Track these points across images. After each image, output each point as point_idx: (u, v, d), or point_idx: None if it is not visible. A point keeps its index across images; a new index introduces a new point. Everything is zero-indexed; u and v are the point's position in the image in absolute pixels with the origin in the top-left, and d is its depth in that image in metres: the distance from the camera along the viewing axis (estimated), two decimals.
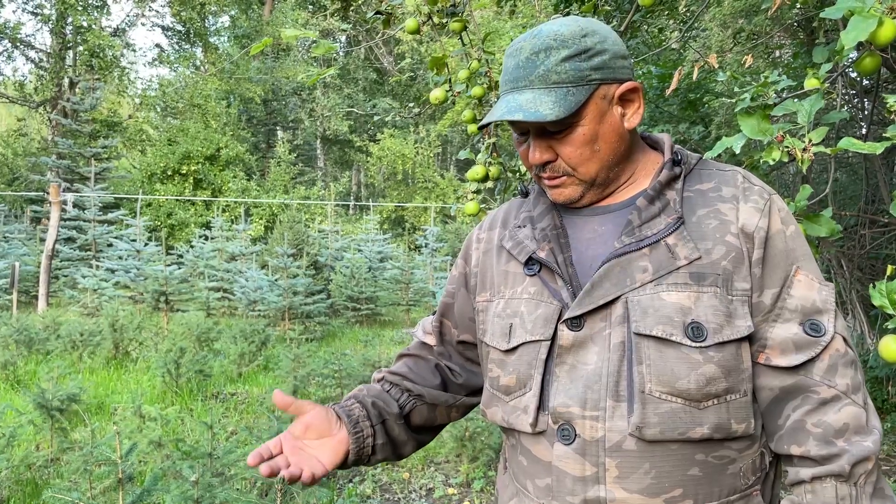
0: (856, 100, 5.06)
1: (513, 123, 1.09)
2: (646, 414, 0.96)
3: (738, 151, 1.46)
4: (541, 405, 1.04)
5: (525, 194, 1.24)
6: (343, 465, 1.15)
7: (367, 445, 1.17)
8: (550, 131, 1.05)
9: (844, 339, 1.01)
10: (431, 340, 1.31)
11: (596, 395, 0.99)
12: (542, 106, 1.01)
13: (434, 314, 1.34)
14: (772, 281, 1.02)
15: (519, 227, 1.16)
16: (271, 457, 1.06)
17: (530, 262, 1.11)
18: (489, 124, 1.09)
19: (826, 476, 0.97)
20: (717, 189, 1.07)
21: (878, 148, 1.29)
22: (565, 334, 1.02)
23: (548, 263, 1.07)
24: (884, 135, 1.31)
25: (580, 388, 1.00)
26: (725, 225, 1.03)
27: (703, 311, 0.98)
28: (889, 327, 1.32)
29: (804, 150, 1.39)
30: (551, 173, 1.08)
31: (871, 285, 1.30)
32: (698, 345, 0.97)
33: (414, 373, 1.28)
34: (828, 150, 1.37)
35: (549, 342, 1.04)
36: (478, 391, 1.30)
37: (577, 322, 1.02)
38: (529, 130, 1.08)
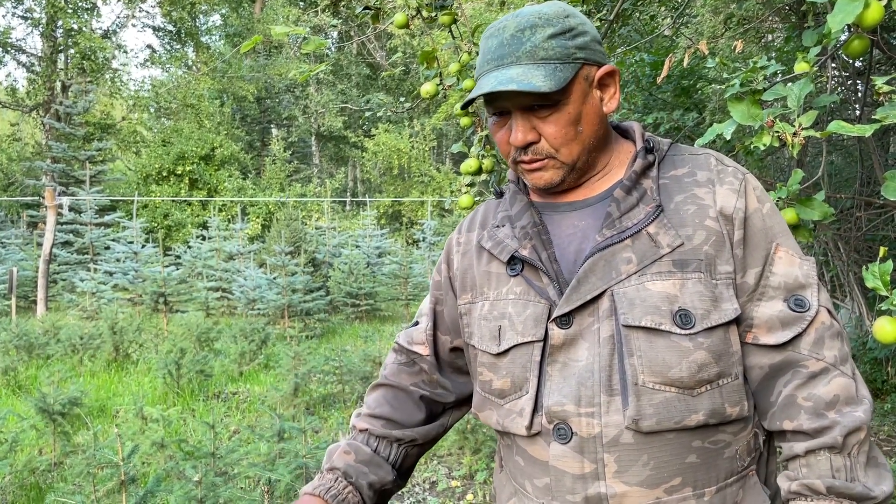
0: (849, 82, 5.05)
1: (490, 103, 1.06)
2: (641, 406, 0.96)
3: (728, 137, 1.46)
4: (535, 407, 1.03)
5: (500, 195, 1.22)
6: None
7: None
8: (534, 111, 1.03)
9: (829, 312, 1.02)
10: (424, 350, 1.25)
11: (589, 391, 0.98)
12: (534, 78, 0.99)
13: (416, 324, 1.29)
14: (753, 260, 1.02)
15: (497, 226, 1.14)
16: None
17: (513, 261, 1.09)
18: (473, 101, 1.07)
19: (820, 448, 0.97)
20: (692, 174, 1.07)
21: (867, 130, 1.29)
22: (556, 333, 1.02)
23: (531, 261, 1.06)
24: (873, 116, 1.31)
25: (573, 385, 0.99)
26: (704, 209, 1.02)
27: (689, 297, 0.98)
28: (883, 309, 1.33)
29: (794, 134, 1.39)
30: (532, 156, 1.06)
31: (864, 267, 1.30)
32: (687, 332, 0.96)
33: (398, 411, 1.23)
34: (818, 134, 1.37)
35: (541, 342, 1.03)
36: (467, 400, 1.28)
37: (566, 319, 1.01)
38: (510, 112, 1.06)
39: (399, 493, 3.93)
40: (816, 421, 0.97)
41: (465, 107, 1.11)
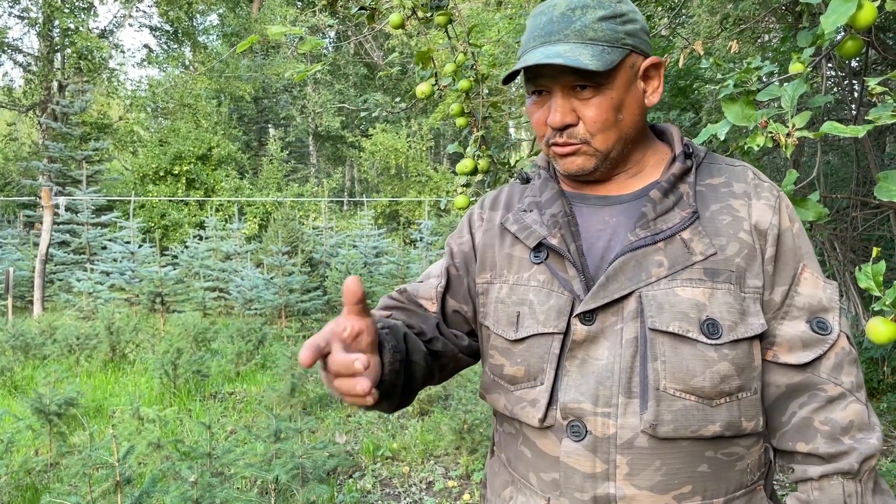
0: (845, 82, 5.05)
1: (532, 80, 1.04)
2: (660, 411, 0.95)
3: (722, 138, 1.47)
4: (550, 399, 1.02)
5: (526, 180, 1.20)
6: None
7: (394, 382, 0.99)
8: (576, 92, 1.01)
9: (848, 338, 1.02)
10: (431, 307, 1.19)
11: (608, 391, 0.97)
12: (581, 56, 0.97)
13: (425, 280, 1.22)
14: (782, 278, 1.02)
15: (525, 211, 1.12)
16: (323, 355, 0.83)
17: (538, 248, 1.07)
18: (516, 75, 1.03)
19: (835, 473, 0.97)
20: (728, 184, 1.06)
21: (860, 131, 1.29)
22: (579, 328, 1.00)
23: (560, 251, 1.04)
24: (866, 117, 1.31)
25: (592, 383, 0.98)
26: (738, 221, 1.02)
27: (717, 307, 0.97)
28: (876, 309, 1.33)
29: (788, 135, 1.39)
30: (567, 139, 1.04)
31: (858, 268, 1.31)
32: (713, 342, 0.96)
33: (419, 324, 1.13)
34: (811, 135, 1.37)
35: (562, 335, 1.02)
36: (465, 353, 1.20)
37: (589, 316, 1.00)
38: (549, 91, 1.04)
39: (396, 493, 3.93)
40: (833, 446, 0.98)
41: (506, 81, 1.06)
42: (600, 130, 1.02)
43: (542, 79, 1.03)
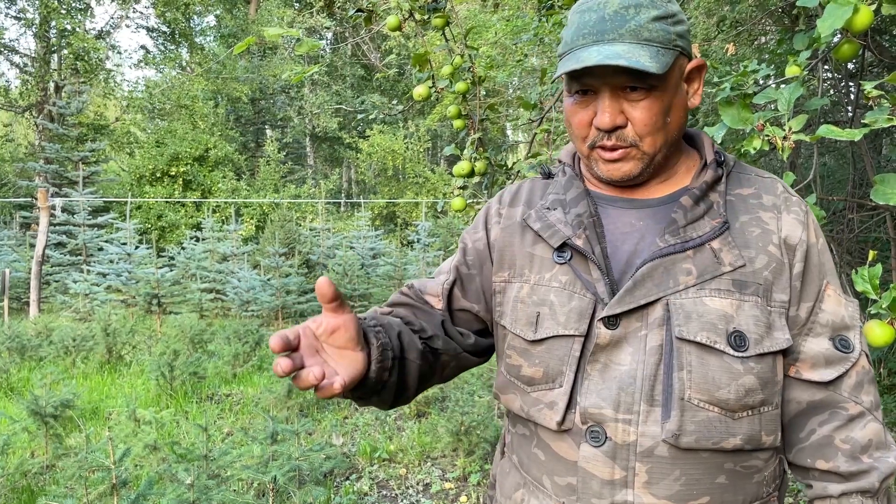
0: (841, 84, 5.07)
1: (576, 79, 1.00)
2: (683, 421, 0.94)
3: (719, 141, 1.47)
4: (569, 403, 1.00)
5: (548, 175, 1.18)
6: (350, 390, 0.96)
7: (384, 379, 1.00)
8: (625, 93, 0.98)
9: (867, 356, 1.02)
10: (437, 303, 1.17)
11: (629, 397, 0.96)
12: (641, 58, 0.94)
13: (437, 276, 1.21)
14: (807, 294, 1.01)
15: (548, 208, 1.10)
16: (292, 348, 0.85)
17: (562, 248, 1.05)
18: (570, 72, 1.00)
19: (854, 492, 0.98)
20: (758, 196, 1.05)
21: (856, 135, 1.30)
22: (602, 332, 0.98)
23: (585, 252, 1.02)
24: (862, 121, 1.32)
25: (613, 389, 0.97)
26: (768, 234, 1.01)
27: (744, 320, 0.96)
28: (872, 312, 1.33)
29: (784, 138, 1.39)
30: (616, 142, 1.00)
31: (854, 270, 1.31)
32: (740, 354, 0.95)
33: (419, 319, 1.13)
34: (807, 138, 1.38)
35: (582, 338, 1.00)
36: (471, 353, 1.19)
37: (613, 320, 0.98)
38: (594, 91, 1.00)
39: (393, 495, 3.93)
40: (853, 464, 0.98)
41: (558, 77, 1.03)
42: (649, 133, 0.99)
43: (589, 77, 0.99)
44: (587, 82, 1.00)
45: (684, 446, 0.94)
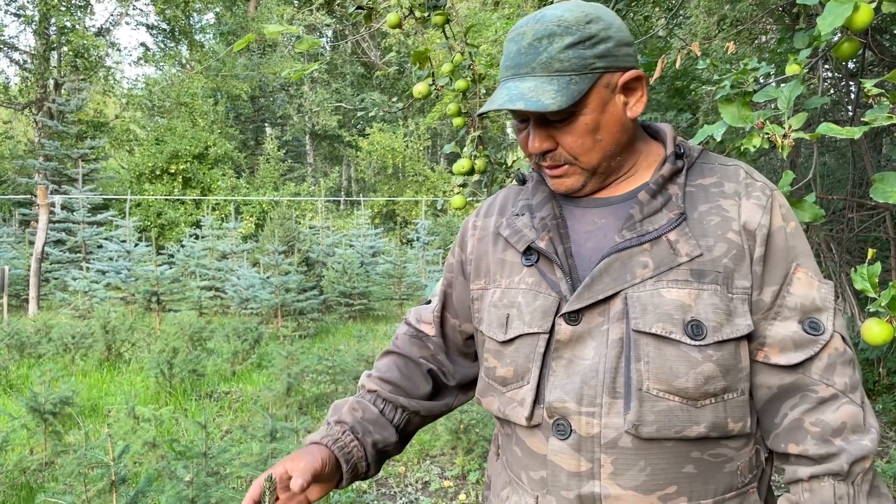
0: (842, 83, 5.06)
1: (513, 111, 1.06)
2: (643, 412, 0.95)
3: (719, 139, 1.47)
4: (537, 399, 1.03)
5: (522, 181, 1.21)
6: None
7: (365, 471, 1.19)
8: (551, 120, 1.03)
9: (843, 338, 1.01)
10: (430, 330, 1.27)
11: (592, 390, 0.98)
12: (543, 95, 0.98)
13: (428, 303, 1.30)
14: (772, 278, 1.01)
15: (517, 215, 1.14)
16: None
17: (528, 251, 1.09)
18: (487, 113, 1.07)
19: (824, 475, 0.96)
20: (720, 184, 1.05)
21: (856, 133, 1.29)
22: (563, 328, 1.01)
23: (547, 254, 1.06)
24: (862, 119, 1.32)
25: (577, 383, 0.99)
26: (727, 222, 1.01)
27: (703, 308, 0.97)
28: (871, 310, 1.33)
29: (784, 136, 1.39)
30: (552, 162, 1.06)
31: (854, 269, 1.31)
32: (697, 343, 0.96)
33: (406, 380, 1.25)
34: (807, 136, 1.37)
35: (547, 335, 1.03)
36: (471, 384, 1.28)
37: (574, 316, 1.01)
38: (530, 118, 1.06)
39: (392, 493, 3.93)
40: (823, 447, 0.97)
41: (480, 117, 1.11)
42: (581, 153, 1.04)
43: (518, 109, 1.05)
44: (518, 113, 1.07)
45: (646, 436, 0.95)
